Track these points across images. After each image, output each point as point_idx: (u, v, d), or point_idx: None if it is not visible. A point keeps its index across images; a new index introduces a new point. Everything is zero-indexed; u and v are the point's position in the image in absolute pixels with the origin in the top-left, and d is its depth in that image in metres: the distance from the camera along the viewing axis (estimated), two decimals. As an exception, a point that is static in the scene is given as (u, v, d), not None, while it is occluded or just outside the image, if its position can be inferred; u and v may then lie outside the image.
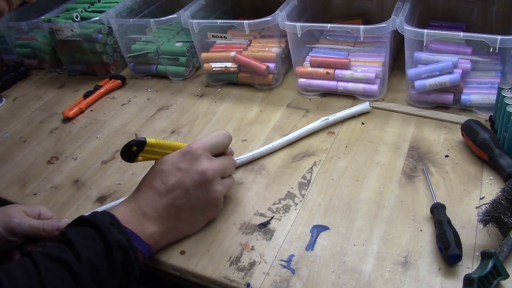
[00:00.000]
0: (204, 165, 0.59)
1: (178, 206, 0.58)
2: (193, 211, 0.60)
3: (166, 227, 0.58)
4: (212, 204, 0.61)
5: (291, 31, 0.82)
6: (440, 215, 0.57)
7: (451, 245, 0.52)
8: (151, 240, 0.56)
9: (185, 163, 0.59)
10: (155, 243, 0.57)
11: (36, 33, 1.15)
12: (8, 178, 0.81)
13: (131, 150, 0.58)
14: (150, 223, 0.57)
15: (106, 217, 0.53)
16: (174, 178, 0.58)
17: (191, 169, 0.59)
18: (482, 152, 0.65)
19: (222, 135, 0.64)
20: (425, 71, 0.76)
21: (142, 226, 0.56)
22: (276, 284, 0.54)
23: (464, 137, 0.69)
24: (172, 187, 0.58)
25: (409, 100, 0.81)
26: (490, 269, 0.48)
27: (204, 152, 0.61)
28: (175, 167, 0.59)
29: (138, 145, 0.58)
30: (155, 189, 0.58)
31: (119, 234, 0.52)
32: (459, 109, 0.77)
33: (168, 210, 0.58)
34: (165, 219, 0.58)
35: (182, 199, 0.58)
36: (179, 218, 0.59)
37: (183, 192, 0.58)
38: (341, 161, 0.71)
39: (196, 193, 0.59)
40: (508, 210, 0.53)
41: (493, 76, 0.76)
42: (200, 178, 0.59)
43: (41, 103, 1.05)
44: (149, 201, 0.58)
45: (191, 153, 0.60)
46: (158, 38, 1.03)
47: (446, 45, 0.78)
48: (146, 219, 0.57)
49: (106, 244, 0.51)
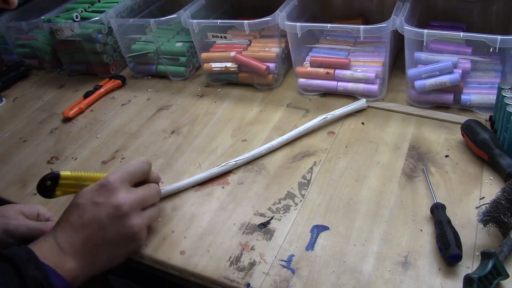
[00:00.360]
0: (120, 198, 0.57)
1: (95, 241, 0.56)
2: (110, 247, 0.57)
3: (84, 263, 0.55)
4: (131, 239, 0.58)
5: (291, 31, 0.82)
6: (440, 215, 0.57)
7: (451, 245, 0.52)
8: (70, 276, 0.54)
9: (101, 197, 0.57)
10: (74, 279, 0.54)
11: (36, 33, 1.15)
12: (8, 178, 0.81)
13: (46, 184, 0.56)
14: (68, 259, 0.54)
15: (23, 253, 0.51)
16: (90, 212, 0.56)
17: (106, 203, 0.56)
18: (482, 152, 0.65)
19: (139, 163, 0.62)
20: (425, 71, 0.76)
21: (61, 262, 0.53)
22: (276, 284, 0.54)
23: (464, 137, 0.69)
24: (88, 222, 0.56)
25: (409, 100, 0.81)
26: (490, 269, 0.48)
27: (121, 184, 0.58)
28: (90, 201, 0.57)
29: (52, 180, 0.57)
30: (72, 224, 0.56)
31: (36, 270, 0.50)
32: (459, 109, 0.77)
33: (85, 246, 0.55)
34: (82, 255, 0.55)
35: (98, 234, 0.56)
36: (96, 253, 0.56)
37: (99, 227, 0.56)
38: (341, 161, 0.71)
39: (112, 228, 0.56)
40: (508, 210, 0.53)
41: (493, 76, 0.76)
42: (115, 212, 0.56)
43: (41, 103, 1.05)
44: (66, 236, 0.55)
45: (106, 186, 0.57)
46: (158, 38, 1.03)
47: (446, 45, 0.78)
48: (64, 254, 0.54)
49: (22, 281, 0.48)
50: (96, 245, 0.56)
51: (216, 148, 0.79)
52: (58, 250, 0.55)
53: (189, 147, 0.80)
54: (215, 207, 0.67)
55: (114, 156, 0.82)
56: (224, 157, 0.76)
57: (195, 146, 0.80)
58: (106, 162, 0.81)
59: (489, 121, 0.73)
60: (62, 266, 0.53)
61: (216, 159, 0.76)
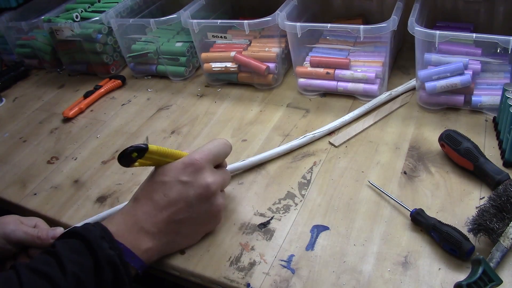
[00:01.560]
0: (208, 178, 0.57)
1: (180, 220, 0.56)
2: (194, 225, 0.58)
3: (164, 242, 0.56)
4: (214, 217, 0.60)
5: (291, 31, 0.82)
6: (428, 219, 0.57)
7: (461, 242, 0.52)
8: (146, 255, 0.54)
9: (188, 176, 0.56)
10: (149, 258, 0.55)
11: (36, 33, 1.15)
12: (8, 178, 0.81)
13: (131, 155, 0.55)
14: (147, 238, 0.54)
15: (97, 231, 0.51)
16: (177, 191, 0.56)
17: (195, 182, 0.56)
18: (466, 161, 0.63)
19: (223, 145, 0.62)
20: (436, 73, 0.75)
21: (138, 241, 0.53)
22: (276, 284, 0.54)
23: (444, 148, 0.67)
24: (174, 200, 0.55)
25: (419, 101, 0.80)
26: (480, 275, 0.48)
27: (207, 164, 0.58)
28: (177, 179, 0.56)
29: (139, 152, 0.55)
30: (156, 202, 0.56)
31: (111, 249, 0.49)
32: (469, 111, 0.77)
33: (168, 225, 0.55)
34: (164, 234, 0.55)
35: (185, 213, 0.56)
36: (179, 232, 0.57)
37: (186, 206, 0.56)
38: (341, 161, 0.71)
39: (199, 207, 0.57)
40: (494, 216, 0.53)
41: (502, 77, 0.76)
42: (204, 191, 0.56)
43: (41, 103, 1.05)
44: (148, 215, 0.55)
45: (194, 165, 0.57)
46: (158, 38, 1.03)
47: (456, 46, 0.76)
48: (143, 234, 0.54)
49: (95, 259, 0.48)
50: (179, 223, 0.56)
51: (216, 148, 0.79)
52: (137, 229, 0.54)
53: (189, 147, 0.80)
54: (215, 207, 0.67)
55: (114, 156, 0.82)
56: (224, 157, 0.76)
57: (195, 146, 0.80)
58: (106, 162, 0.81)
59: (493, 122, 0.73)
60: (139, 245, 0.53)
61: (216, 159, 0.76)
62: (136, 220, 0.55)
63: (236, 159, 0.75)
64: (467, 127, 0.73)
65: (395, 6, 0.82)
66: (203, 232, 0.61)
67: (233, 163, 0.74)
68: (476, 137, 0.70)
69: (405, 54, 0.96)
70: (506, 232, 0.52)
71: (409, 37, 0.77)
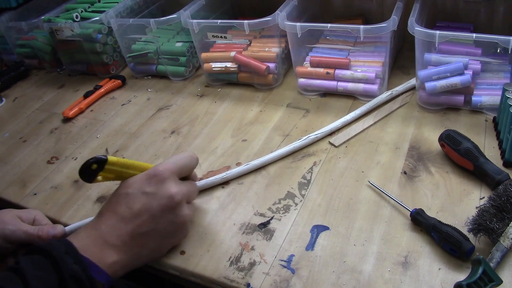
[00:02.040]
0: (172, 189, 0.56)
1: (145, 232, 0.54)
2: (160, 237, 0.56)
3: (129, 255, 0.54)
4: (180, 229, 0.58)
5: (291, 31, 0.82)
6: (428, 219, 0.57)
7: (461, 242, 0.52)
8: (112, 269, 0.52)
9: (152, 187, 0.55)
10: (115, 272, 0.53)
11: (36, 33, 1.15)
12: (8, 178, 0.81)
13: (91, 168, 0.54)
14: (112, 252, 0.53)
15: (62, 246, 0.50)
16: (140, 203, 0.54)
17: (158, 193, 0.55)
18: (466, 161, 0.63)
19: (189, 157, 0.61)
20: (436, 73, 0.75)
21: (103, 255, 0.52)
22: (276, 284, 0.54)
23: (443, 148, 0.67)
24: (138, 212, 0.54)
25: (419, 101, 0.80)
26: (480, 275, 0.48)
27: (171, 175, 0.57)
28: (141, 191, 0.55)
29: (98, 163, 0.54)
30: (120, 214, 0.54)
31: (75, 264, 0.48)
32: (469, 111, 0.77)
33: (133, 237, 0.54)
34: (130, 247, 0.54)
35: (149, 225, 0.54)
36: (144, 245, 0.55)
37: (150, 218, 0.54)
38: (341, 161, 0.71)
39: (164, 218, 0.55)
40: (494, 216, 0.53)
41: (502, 77, 0.76)
42: (168, 202, 0.55)
43: (41, 103, 1.05)
44: (113, 228, 0.54)
45: (157, 176, 0.56)
46: (158, 38, 1.03)
47: (456, 46, 0.76)
48: (108, 247, 0.53)
49: (60, 275, 0.47)
50: (144, 236, 0.55)
51: (216, 148, 0.79)
52: (102, 242, 0.53)
53: (189, 147, 0.80)
54: (215, 207, 0.67)
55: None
56: (224, 157, 0.76)
57: (195, 146, 0.80)
58: (106, 162, 0.81)
59: (492, 122, 0.73)
60: (105, 259, 0.52)
61: (216, 159, 0.76)
62: (100, 233, 0.54)
63: (236, 159, 0.75)
64: (467, 127, 0.73)
65: (395, 6, 0.82)
66: (170, 245, 0.59)
67: (233, 163, 0.74)
68: (476, 137, 0.70)
69: (405, 54, 0.96)
70: (506, 232, 0.52)
71: (409, 37, 0.77)
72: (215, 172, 0.73)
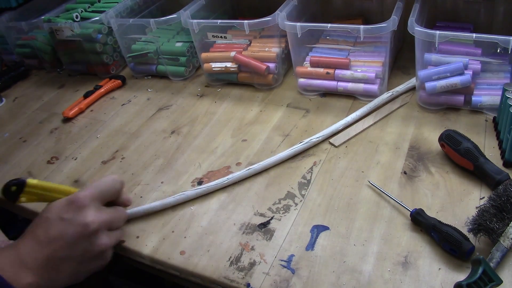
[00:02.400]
0: (89, 217, 0.55)
1: (60, 258, 0.54)
2: (76, 263, 0.55)
3: (45, 279, 0.53)
4: (96, 257, 0.57)
5: (291, 31, 0.82)
6: (428, 219, 0.57)
7: (461, 242, 0.52)
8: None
9: (69, 213, 0.55)
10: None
11: (36, 33, 1.15)
12: (8, 178, 0.79)
13: (11, 190, 0.55)
14: (28, 274, 0.52)
15: None
16: (57, 228, 0.54)
17: (75, 221, 0.55)
18: (466, 161, 0.63)
19: (111, 181, 0.61)
20: (436, 73, 0.75)
21: (18, 276, 0.51)
22: (276, 284, 0.54)
23: (443, 148, 0.67)
24: (54, 238, 0.54)
25: (419, 101, 0.80)
26: (480, 275, 0.48)
27: (92, 202, 0.57)
28: (59, 216, 0.55)
29: (17, 186, 0.55)
30: (38, 238, 0.54)
31: None
32: (469, 111, 0.77)
33: (49, 262, 0.53)
34: (45, 271, 0.53)
35: (65, 251, 0.54)
36: (60, 270, 0.54)
37: (65, 244, 0.54)
38: (341, 161, 0.71)
39: (79, 246, 0.55)
40: (494, 216, 0.53)
41: (502, 77, 0.76)
42: (83, 230, 0.55)
43: (41, 103, 1.05)
44: (30, 250, 0.54)
45: (75, 202, 0.56)
46: (158, 38, 1.03)
47: (456, 46, 0.76)
48: (25, 269, 0.52)
49: None
50: (60, 261, 0.54)
51: (216, 148, 0.79)
52: (18, 263, 0.53)
53: (189, 147, 0.80)
54: (215, 207, 0.67)
55: (114, 156, 0.82)
56: (224, 157, 0.76)
57: (195, 146, 0.80)
58: (106, 162, 0.81)
59: (492, 122, 0.73)
60: (19, 280, 0.51)
61: (216, 159, 0.76)
62: (18, 254, 0.53)
63: (236, 159, 0.75)
64: (467, 127, 0.73)
65: (395, 6, 0.82)
66: (87, 272, 0.58)
67: (233, 163, 0.74)
68: (476, 137, 0.70)
69: (405, 54, 0.96)
70: (506, 232, 0.52)
71: (409, 37, 0.77)
72: (215, 172, 0.73)
